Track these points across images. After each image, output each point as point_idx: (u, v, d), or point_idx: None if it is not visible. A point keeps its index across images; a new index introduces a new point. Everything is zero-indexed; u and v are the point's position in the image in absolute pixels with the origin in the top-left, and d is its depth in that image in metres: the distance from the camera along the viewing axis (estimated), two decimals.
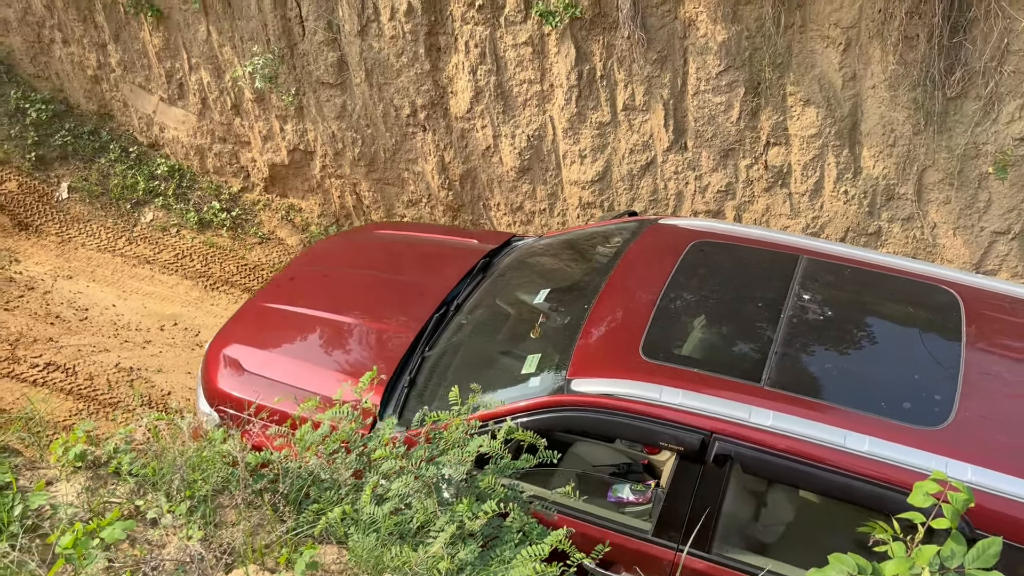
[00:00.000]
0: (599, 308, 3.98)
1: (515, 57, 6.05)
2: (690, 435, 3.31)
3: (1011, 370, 3.53)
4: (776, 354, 3.53)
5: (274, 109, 7.05)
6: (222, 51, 6.95)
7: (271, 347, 4.63)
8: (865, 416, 3.21)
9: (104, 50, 7.53)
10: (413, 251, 5.41)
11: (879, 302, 3.99)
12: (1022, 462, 3.00)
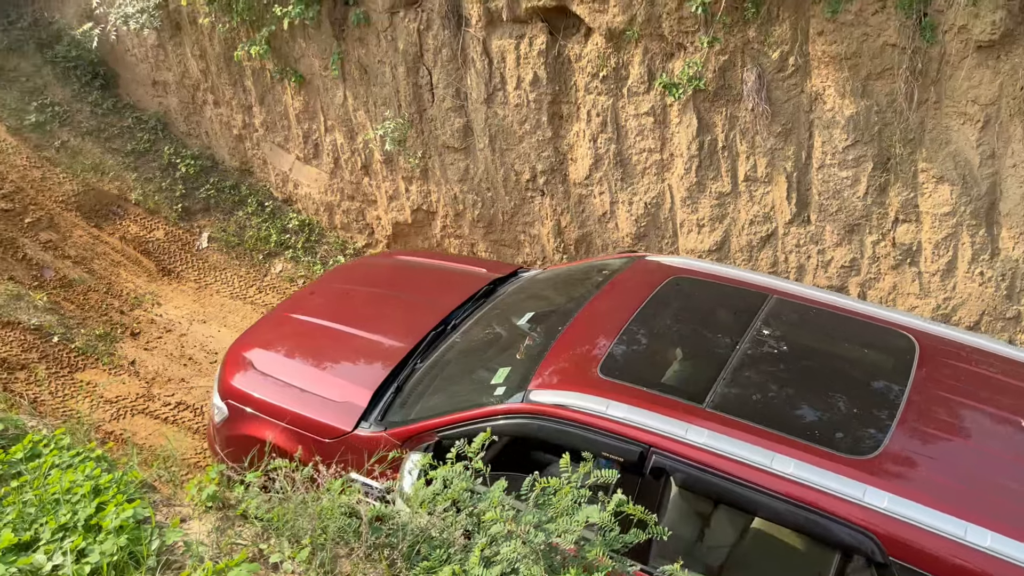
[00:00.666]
0: (571, 330, 4.30)
1: (636, 126, 6.14)
2: (630, 447, 3.52)
3: (950, 412, 3.64)
4: (723, 380, 3.76)
5: (401, 170, 7.37)
6: (356, 115, 7.35)
7: (280, 351, 5.07)
8: (796, 441, 3.36)
9: (250, 111, 8.09)
10: (426, 275, 5.82)
11: (837, 342, 4.20)
12: (939, 495, 3.12)
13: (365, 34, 6.91)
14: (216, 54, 7.90)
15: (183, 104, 8.57)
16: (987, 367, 3.95)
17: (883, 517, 3.08)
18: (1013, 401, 3.71)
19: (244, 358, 5.03)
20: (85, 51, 8.52)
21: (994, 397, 3.74)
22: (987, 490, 3.22)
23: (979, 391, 3.78)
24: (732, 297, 4.50)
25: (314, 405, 4.51)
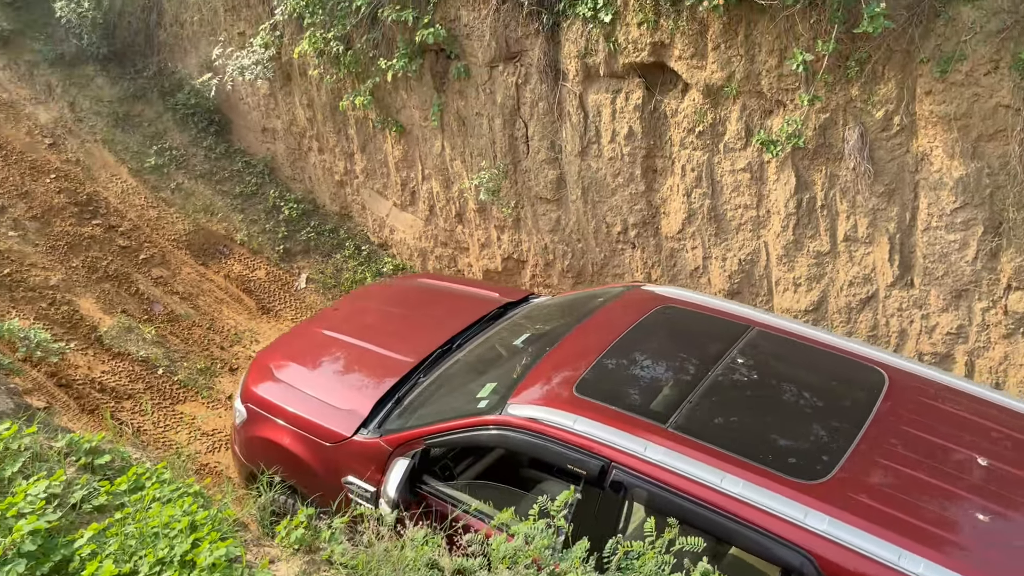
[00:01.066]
0: (556, 351, 4.52)
1: (732, 182, 6.07)
2: (592, 461, 3.71)
3: (907, 445, 3.69)
4: (690, 403, 3.92)
5: (493, 219, 7.48)
6: (453, 165, 7.53)
7: (299, 360, 5.43)
8: (749, 464, 3.49)
9: (351, 159, 8.40)
10: (441, 297, 6.17)
11: (809, 373, 4.33)
12: (878, 521, 3.20)
13: (465, 87, 7.10)
14: (322, 103, 8.26)
15: (289, 150, 8.97)
16: (954, 405, 4.01)
17: (820, 539, 3.20)
18: (973, 438, 3.76)
19: (266, 366, 5.43)
20: (203, 99, 9.03)
21: (955, 433, 3.80)
22: (930, 521, 3.28)
23: (941, 427, 3.84)
24: (714, 327, 4.66)
25: (321, 411, 4.84)
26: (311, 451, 4.71)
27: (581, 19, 6.22)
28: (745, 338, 4.45)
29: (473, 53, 6.90)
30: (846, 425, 3.81)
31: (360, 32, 7.31)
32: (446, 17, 6.91)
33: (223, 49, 8.32)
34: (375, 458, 4.40)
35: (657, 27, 5.86)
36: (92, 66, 9.55)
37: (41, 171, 8.58)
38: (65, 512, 2.88)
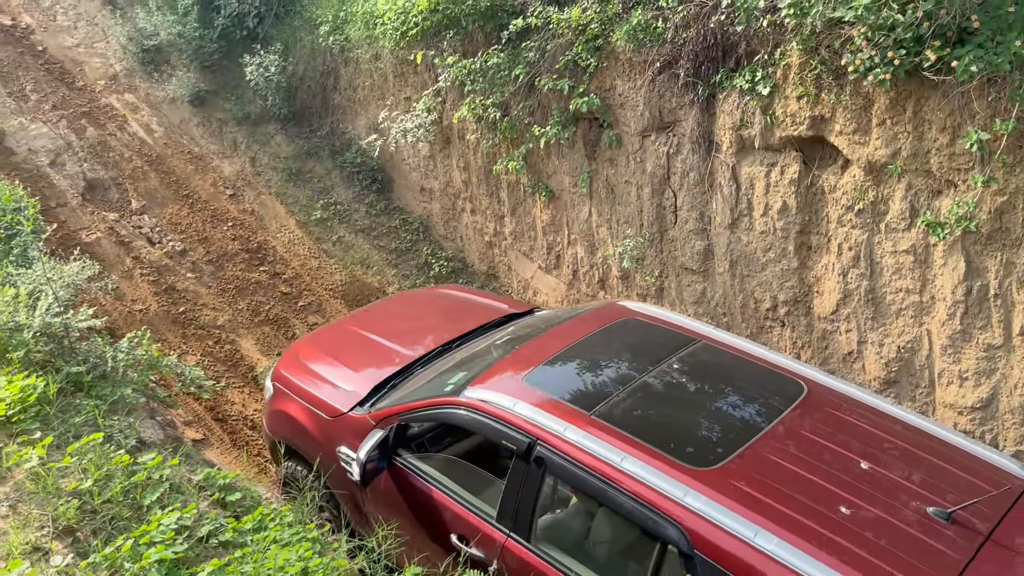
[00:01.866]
0: (522, 349, 5.12)
1: (893, 264, 5.70)
2: (521, 438, 4.26)
3: (801, 446, 4.08)
4: (617, 397, 4.43)
5: (636, 287, 7.38)
6: (599, 231, 7.53)
7: (323, 348, 6.20)
8: (650, 449, 3.96)
9: (501, 221, 8.58)
10: (457, 305, 6.84)
11: (735, 381, 4.71)
12: (746, 504, 3.63)
13: (615, 155, 7.13)
14: (478, 167, 8.53)
15: (444, 210, 9.29)
16: (859, 417, 4.32)
17: (694, 516, 3.65)
18: (863, 445, 4.10)
19: (296, 352, 6.25)
20: (368, 159, 9.56)
21: (848, 440, 4.14)
22: (794, 508, 3.65)
23: (838, 434, 4.19)
24: (665, 338, 5.10)
25: (328, 391, 5.61)
26: (316, 423, 5.48)
27: (738, 91, 6.13)
28: (688, 348, 4.93)
29: (626, 122, 6.93)
30: (751, 426, 4.25)
31: (517, 100, 7.53)
32: (601, 87, 7.00)
33: (389, 112, 8.80)
34: (362, 431, 5.03)
35: (818, 101, 5.67)
36: (273, 125, 10.36)
37: (220, 219, 9.32)
38: (192, 544, 3.01)
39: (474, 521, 4.45)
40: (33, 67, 10.69)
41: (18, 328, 3.99)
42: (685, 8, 6.24)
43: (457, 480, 4.68)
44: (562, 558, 4.07)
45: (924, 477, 3.92)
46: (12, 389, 3.60)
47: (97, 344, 4.25)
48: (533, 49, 7.28)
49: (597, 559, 4.16)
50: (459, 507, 4.56)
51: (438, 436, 5.24)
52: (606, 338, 5.16)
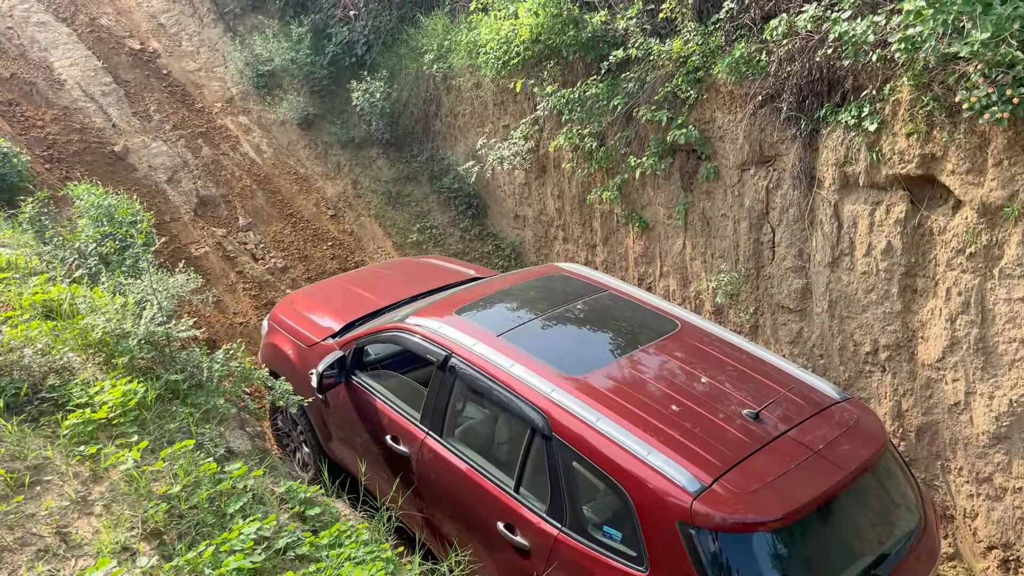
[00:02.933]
0: (464, 292, 6.25)
1: (1007, 312, 5.37)
2: (441, 352, 5.28)
3: (659, 365, 5.05)
4: (523, 325, 5.45)
5: (729, 324, 7.20)
6: (692, 264, 7.39)
7: (315, 296, 7.40)
8: (535, 360, 4.93)
9: (593, 250, 8.55)
10: (434, 270, 7.72)
11: (625, 320, 5.68)
12: (594, 398, 4.60)
13: (712, 188, 7.01)
14: (572, 195, 8.53)
15: (536, 237, 9.32)
16: (714, 348, 5.24)
17: (554, 406, 4.60)
18: (709, 367, 5.01)
19: (291, 299, 7.39)
20: (465, 184, 9.71)
21: (698, 363, 5.06)
22: (633, 403, 4.59)
23: (691, 358, 5.10)
24: (579, 288, 6.06)
25: (309, 327, 6.66)
26: (296, 352, 6.57)
27: (843, 126, 5.93)
28: (594, 296, 5.95)
29: (724, 155, 6.81)
30: (621, 349, 5.28)
31: (614, 130, 7.52)
32: (700, 119, 6.91)
33: (487, 139, 8.93)
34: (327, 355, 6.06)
35: (928, 138, 5.43)
36: (376, 149, 10.66)
37: (321, 238, 9.62)
38: (269, 556, 3.07)
39: (404, 424, 5.50)
40: (158, 89, 11.35)
41: (124, 335, 4.20)
42: (790, 42, 6.11)
43: (395, 392, 5.74)
44: (460, 447, 5.13)
45: (751, 391, 4.84)
46: (115, 393, 3.78)
47: (195, 354, 4.42)
48: (632, 80, 7.26)
49: (484, 447, 5.16)
50: (394, 413, 5.60)
51: (388, 367, 6.17)
52: (531, 287, 6.26)
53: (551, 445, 4.54)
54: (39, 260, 5.49)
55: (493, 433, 5.20)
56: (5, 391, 3.72)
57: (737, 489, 4.06)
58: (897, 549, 4.40)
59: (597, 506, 4.45)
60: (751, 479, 4.13)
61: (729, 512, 3.97)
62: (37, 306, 4.65)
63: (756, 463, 4.24)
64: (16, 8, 11.70)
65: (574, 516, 4.41)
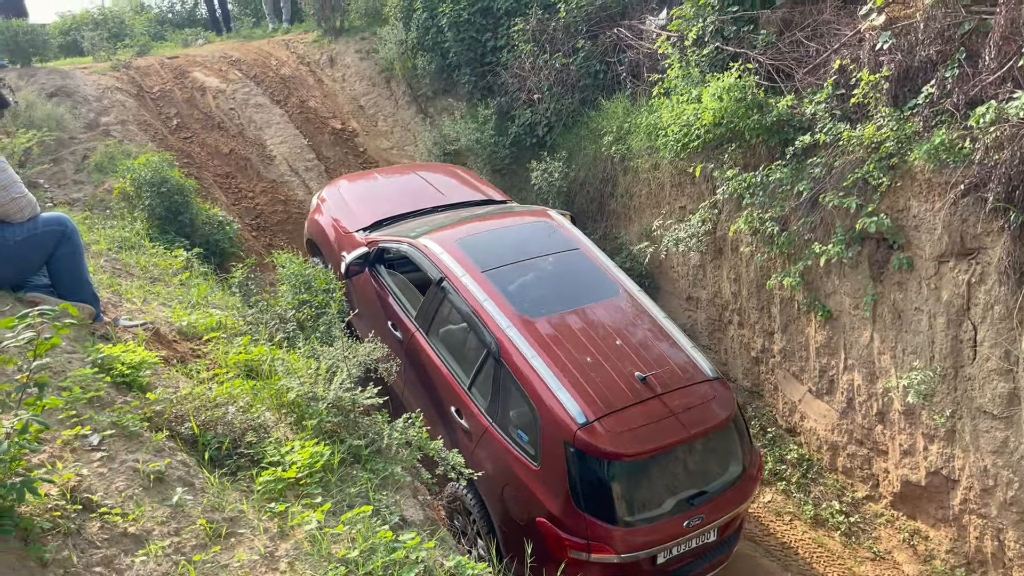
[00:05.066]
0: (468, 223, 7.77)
1: None
2: (437, 273, 6.82)
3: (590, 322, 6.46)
4: (504, 266, 6.86)
5: (921, 426, 6.67)
6: (880, 359, 6.95)
7: (358, 185, 9.50)
8: (503, 299, 6.46)
9: (770, 337, 8.23)
10: (460, 185, 9.47)
11: (580, 277, 7.11)
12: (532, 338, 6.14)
13: (905, 279, 6.60)
14: (749, 280, 8.30)
15: (709, 320, 9.11)
16: (637, 317, 6.65)
17: (506, 338, 6.10)
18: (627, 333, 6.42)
19: (338, 182, 9.61)
20: (637, 264, 9.69)
21: (621, 328, 6.46)
22: (561, 350, 6.06)
23: (617, 322, 6.51)
24: (557, 240, 7.42)
25: (347, 216, 8.65)
26: (334, 234, 8.57)
27: None
28: (567, 251, 7.29)
29: (919, 245, 6.43)
30: (569, 303, 6.61)
31: (798, 215, 7.29)
32: (893, 207, 6.58)
33: (663, 220, 8.91)
34: (356, 246, 7.95)
35: None
36: None
37: None
38: None
39: (402, 317, 7.28)
40: (354, 165, 12.23)
41: (315, 399, 4.46)
42: (998, 128, 5.74)
43: (400, 290, 7.51)
44: (438, 345, 6.78)
45: (648, 358, 6.21)
46: (304, 454, 4.00)
47: (377, 421, 4.62)
48: (819, 165, 7.05)
49: (454, 350, 6.67)
50: (396, 306, 7.39)
51: (400, 265, 7.82)
52: (522, 230, 7.65)
53: (498, 365, 6.11)
54: (244, 322, 5.97)
55: (463, 342, 6.63)
56: (210, 444, 4.02)
57: (609, 429, 5.62)
58: (715, 490, 5.91)
59: (517, 414, 5.98)
60: (621, 424, 5.67)
61: (598, 444, 5.55)
62: (240, 365, 5.05)
63: (629, 414, 5.75)
64: (239, 91, 13.08)
65: (502, 417, 6.06)
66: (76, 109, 11.25)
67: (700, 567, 6.06)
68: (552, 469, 5.64)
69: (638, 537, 5.58)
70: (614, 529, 5.51)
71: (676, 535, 5.70)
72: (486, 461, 5.96)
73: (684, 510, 5.71)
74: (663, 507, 5.71)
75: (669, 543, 5.70)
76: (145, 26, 17.22)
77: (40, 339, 3.11)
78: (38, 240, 4.61)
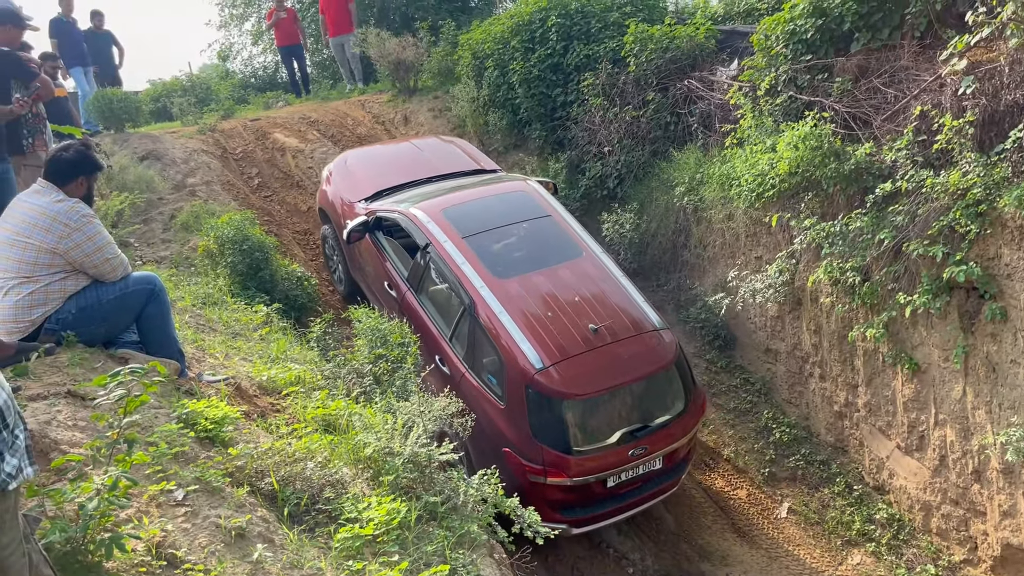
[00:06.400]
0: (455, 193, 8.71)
1: None
2: (423, 239, 7.82)
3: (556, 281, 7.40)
4: (482, 232, 7.83)
5: (1022, 485, 6.28)
6: (974, 414, 6.61)
7: (361, 159, 10.55)
8: (479, 263, 7.39)
9: (854, 391, 7.93)
10: (455, 156, 10.50)
11: (548, 240, 8.04)
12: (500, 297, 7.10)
13: (999, 330, 6.31)
14: (830, 331, 8.05)
15: (789, 373, 8.85)
16: (598, 277, 7.58)
17: (480, 297, 7.10)
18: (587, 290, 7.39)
19: (345, 156, 10.68)
20: (712, 315, 9.52)
21: (581, 285, 7.42)
22: (527, 307, 7.07)
23: (579, 281, 7.47)
24: (532, 208, 8.32)
25: (350, 187, 9.70)
26: (340, 205, 9.63)
27: None
28: (540, 218, 8.17)
29: (1013, 295, 6.14)
30: (536, 264, 7.57)
31: (880, 264, 7.08)
32: (983, 255, 6.32)
33: (739, 271, 8.76)
34: (357, 215, 8.96)
35: None
36: None
37: None
38: None
39: (395, 277, 8.28)
40: None
41: (392, 454, 4.47)
42: None
43: (394, 253, 8.46)
44: (425, 302, 7.77)
45: (602, 311, 7.12)
46: (381, 511, 3.99)
47: (452, 477, 4.59)
48: (901, 213, 6.85)
49: (438, 306, 7.65)
50: (391, 268, 8.37)
51: (395, 232, 8.73)
52: (502, 200, 8.52)
53: (473, 320, 7.06)
54: (322, 376, 6.06)
55: (446, 299, 7.54)
56: (289, 500, 4.06)
57: (562, 373, 6.61)
58: (657, 424, 6.87)
59: (488, 362, 6.95)
60: (573, 368, 6.65)
61: (552, 385, 6.57)
62: (319, 420, 5.11)
63: (581, 360, 6.72)
64: (317, 151, 13.52)
65: (476, 364, 7.05)
66: (165, 171, 11.79)
67: (649, 491, 7.07)
68: (515, 407, 6.64)
69: (587, 464, 6.59)
70: (567, 457, 6.53)
71: (622, 463, 6.68)
72: (463, 400, 6.38)
73: (628, 442, 6.69)
74: (610, 439, 6.67)
75: (616, 469, 6.69)
76: (229, 91, 18.07)
77: (130, 396, 3.21)
78: (129, 299, 4.79)
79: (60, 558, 2.86)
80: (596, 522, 6.91)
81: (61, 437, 3.63)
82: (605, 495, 6.83)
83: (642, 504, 7.11)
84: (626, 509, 7.02)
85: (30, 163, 7.22)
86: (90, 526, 2.89)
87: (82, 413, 3.90)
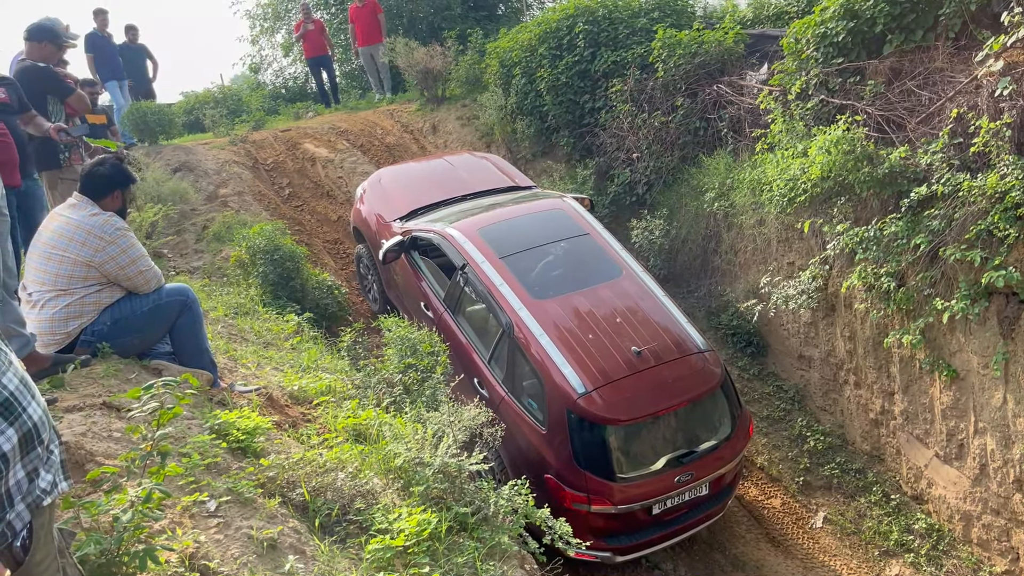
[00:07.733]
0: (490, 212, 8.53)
1: None
2: (460, 259, 7.72)
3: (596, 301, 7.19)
4: (519, 252, 7.67)
5: None
6: (1016, 422, 6.46)
7: (397, 177, 10.43)
8: (517, 283, 7.24)
9: (890, 398, 7.79)
10: (489, 173, 10.31)
11: (587, 260, 7.81)
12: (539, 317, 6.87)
13: None
14: (865, 337, 7.92)
15: (823, 380, 8.72)
16: (639, 297, 7.34)
17: (519, 317, 6.93)
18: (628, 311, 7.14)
19: (379, 174, 10.58)
20: (744, 322, 9.42)
21: (623, 306, 7.19)
22: (567, 329, 6.83)
23: (620, 301, 7.24)
24: (569, 227, 8.11)
25: (385, 206, 9.58)
26: (376, 223, 9.54)
27: None
28: (578, 236, 7.96)
29: None
30: (574, 285, 7.38)
31: (916, 269, 6.95)
32: (1022, 259, 6.18)
33: (771, 278, 8.66)
34: (393, 234, 8.87)
35: None
36: None
37: None
38: None
39: (432, 298, 8.15)
40: None
41: (422, 464, 4.46)
42: None
43: (431, 273, 8.36)
44: (463, 323, 7.63)
45: (645, 333, 6.88)
46: (411, 522, 3.98)
47: (483, 487, 4.57)
48: (937, 217, 6.72)
49: (475, 328, 7.51)
50: (428, 289, 8.27)
51: (431, 251, 8.57)
52: (539, 218, 8.33)
53: (512, 341, 6.89)
54: (352, 386, 6.08)
55: (484, 321, 7.41)
56: (320, 511, 4.06)
57: (605, 398, 6.38)
58: (704, 449, 6.63)
59: (528, 385, 6.76)
60: (616, 393, 6.42)
61: (595, 410, 6.32)
62: (349, 430, 5.12)
63: (624, 384, 6.48)
64: (346, 160, 13.63)
65: (516, 388, 6.85)
66: (197, 183, 11.95)
67: (695, 517, 6.84)
68: (557, 433, 6.43)
69: (632, 491, 6.36)
70: (611, 484, 6.31)
71: (668, 489, 6.47)
72: (503, 425, 6.34)
73: (675, 467, 6.46)
74: (655, 465, 6.45)
75: (662, 496, 6.48)
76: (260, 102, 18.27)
77: (163, 408, 3.23)
78: (162, 310, 4.85)
79: (94, 571, 2.89)
80: (641, 549, 6.70)
81: (96, 448, 3.67)
82: (650, 522, 6.62)
83: (688, 531, 6.87)
84: (671, 536, 6.80)
85: (66, 176, 7.35)
86: (124, 538, 2.91)
87: (117, 424, 3.94)
